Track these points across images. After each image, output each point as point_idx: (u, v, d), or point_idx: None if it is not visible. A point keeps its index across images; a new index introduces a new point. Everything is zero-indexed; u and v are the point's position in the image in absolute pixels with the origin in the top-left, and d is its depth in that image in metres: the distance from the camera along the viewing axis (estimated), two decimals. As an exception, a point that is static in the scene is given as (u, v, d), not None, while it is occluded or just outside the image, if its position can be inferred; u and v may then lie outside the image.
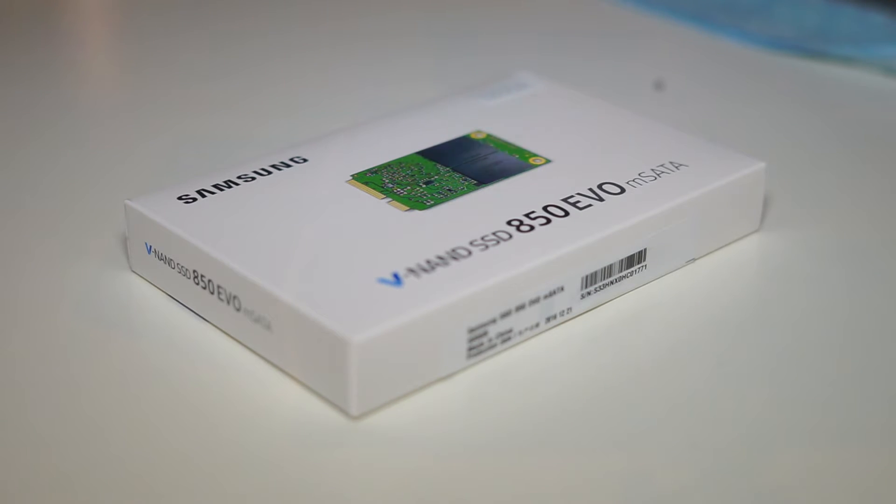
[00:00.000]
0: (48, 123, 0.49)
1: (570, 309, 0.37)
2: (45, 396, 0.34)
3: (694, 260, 0.40)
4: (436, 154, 0.41)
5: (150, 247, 0.38)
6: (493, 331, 0.35)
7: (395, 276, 0.35)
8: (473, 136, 0.42)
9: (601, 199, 0.38)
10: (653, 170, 0.40)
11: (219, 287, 0.36)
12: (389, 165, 0.40)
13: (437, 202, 0.38)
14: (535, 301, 0.36)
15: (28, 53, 0.56)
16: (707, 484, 0.32)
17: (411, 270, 0.35)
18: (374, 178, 0.39)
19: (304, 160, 0.40)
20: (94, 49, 0.59)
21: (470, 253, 0.36)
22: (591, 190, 0.39)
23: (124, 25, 0.60)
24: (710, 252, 0.41)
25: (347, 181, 0.39)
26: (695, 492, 0.31)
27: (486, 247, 0.36)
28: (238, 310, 0.35)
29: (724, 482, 0.32)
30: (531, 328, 0.36)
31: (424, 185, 0.39)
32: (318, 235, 0.36)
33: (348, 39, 0.57)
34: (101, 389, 0.35)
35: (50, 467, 0.32)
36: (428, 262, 0.35)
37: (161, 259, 0.38)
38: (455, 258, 0.35)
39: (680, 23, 0.58)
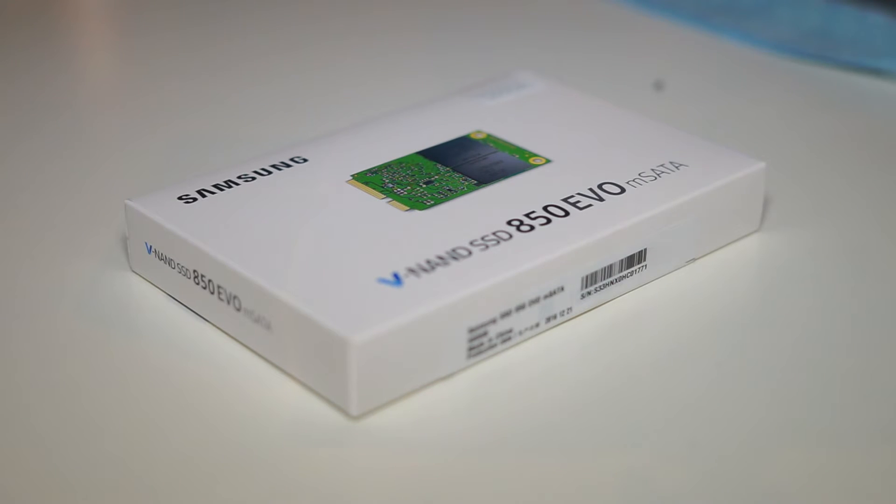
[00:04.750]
0: (47, 122, 0.49)
1: (570, 309, 0.37)
2: (45, 396, 0.34)
3: (694, 260, 0.40)
4: (436, 154, 0.41)
5: (151, 247, 0.38)
6: (493, 331, 0.35)
7: (396, 275, 0.35)
8: (473, 136, 0.42)
9: (601, 199, 0.38)
10: (653, 170, 0.40)
11: (219, 287, 0.36)
12: (389, 165, 0.40)
13: (438, 202, 0.38)
14: (535, 301, 0.36)
15: (25, 51, 0.56)
16: (707, 484, 0.32)
17: (411, 270, 0.35)
18: (374, 178, 0.39)
19: (305, 160, 0.40)
20: (92, 47, 0.58)
21: (470, 253, 0.36)
22: (591, 190, 0.39)
23: (122, 23, 0.60)
24: (711, 252, 0.41)
25: (347, 181, 0.39)
26: (695, 492, 0.31)
27: (487, 247, 0.36)
28: (238, 310, 0.35)
29: (723, 482, 0.32)
30: (531, 328, 0.36)
31: (424, 185, 0.39)
32: (319, 235, 0.36)
33: (346, 38, 0.57)
34: (101, 389, 0.35)
35: (50, 467, 0.32)
36: (428, 261, 0.35)
37: (161, 259, 0.38)
38: (455, 258, 0.35)
39: (680, 23, 0.58)
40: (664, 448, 0.33)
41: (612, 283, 0.38)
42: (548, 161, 0.40)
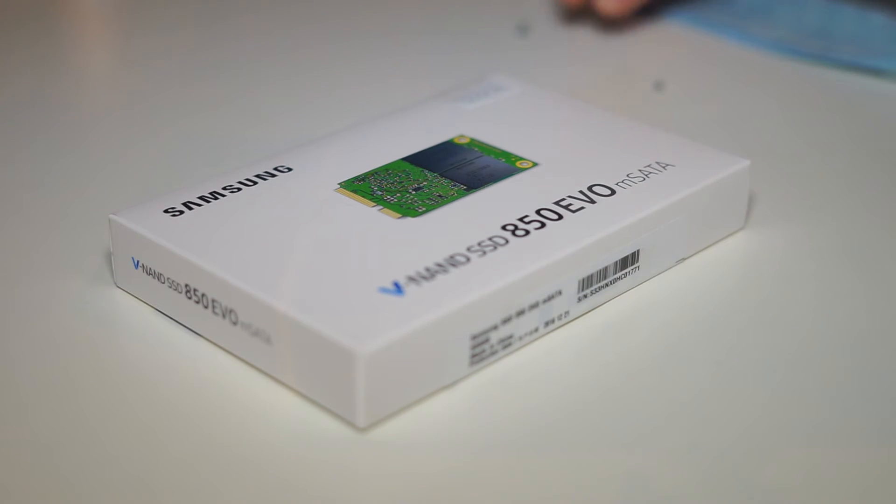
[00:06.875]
0: (26, 133, 0.48)
1: (567, 312, 0.37)
2: (31, 416, 0.33)
3: (683, 259, 0.40)
4: (422, 160, 0.40)
5: (138, 262, 0.37)
6: (494, 337, 0.35)
7: (396, 284, 0.34)
8: (457, 141, 0.42)
9: (593, 202, 0.38)
10: (640, 170, 0.40)
11: (213, 301, 0.35)
12: (376, 172, 0.40)
13: (429, 209, 0.38)
14: (534, 306, 0.36)
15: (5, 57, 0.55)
16: (706, 484, 0.32)
17: (411, 279, 0.34)
18: (362, 186, 0.39)
19: (289, 169, 0.40)
20: (72, 54, 0.57)
21: (468, 259, 0.35)
22: (581, 192, 0.38)
23: (107, 27, 0.59)
24: (699, 251, 0.41)
25: (336, 189, 0.39)
26: (694, 492, 0.31)
27: (484, 252, 0.36)
28: (235, 324, 0.35)
29: (723, 482, 0.32)
30: (530, 333, 0.36)
31: (414, 192, 0.39)
32: (314, 245, 0.36)
33: (318, 43, 0.56)
34: (94, 411, 0.34)
35: (42, 491, 0.31)
36: (427, 269, 0.35)
37: (150, 274, 0.37)
38: (454, 265, 0.35)
39: (678, 22, 0.58)
40: (664, 448, 0.33)
41: (606, 285, 0.38)
42: (535, 164, 0.40)
